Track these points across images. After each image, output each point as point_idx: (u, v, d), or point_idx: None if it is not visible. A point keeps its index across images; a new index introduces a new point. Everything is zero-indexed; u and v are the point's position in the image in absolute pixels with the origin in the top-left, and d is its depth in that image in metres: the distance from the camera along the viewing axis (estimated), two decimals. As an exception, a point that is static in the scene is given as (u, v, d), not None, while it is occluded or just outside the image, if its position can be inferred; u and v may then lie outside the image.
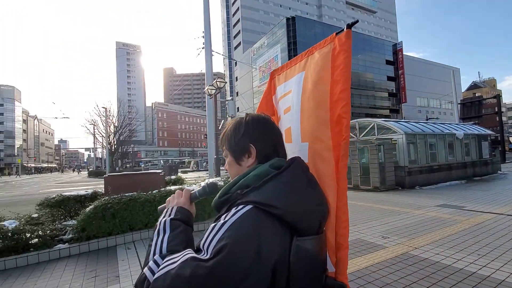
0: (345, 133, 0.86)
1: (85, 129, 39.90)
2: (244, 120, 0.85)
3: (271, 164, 0.77)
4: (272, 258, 0.62)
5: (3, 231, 4.30)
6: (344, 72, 0.87)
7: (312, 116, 0.99)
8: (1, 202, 12.94)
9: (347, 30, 0.90)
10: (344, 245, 0.85)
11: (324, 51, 0.98)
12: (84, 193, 6.04)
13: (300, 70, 1.10)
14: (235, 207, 0.66)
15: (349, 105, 0.86)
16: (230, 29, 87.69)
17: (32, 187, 23.53)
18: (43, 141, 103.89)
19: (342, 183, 0.86)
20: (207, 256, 0.59)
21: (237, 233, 0.60)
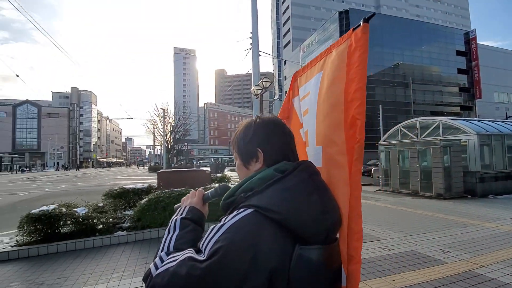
0: (359, 135, 0.79)
1: (146, 128, 44.00)
2: (254, 123, 0.83)
3: (276, 168, 0.74)
4: (268, 265, 0.58)
5: (75, 217, 4.98)
6: (359, 70, 0.81)
7: (326, 118, 0.94)
8: (78, 191, 15.09)
9: (364, 25, 0.84)
10: (356, 258, 0.77)
11: (340, 49, 0.92)
12: (141, 187, 6.64)
13: (319, 71, 1.05)
14: (237, 210, 0.65)
15: (364, 105, 0.79)
16: (280, 28, 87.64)
17: (103, 179, 26.89)
18: (113, 138, 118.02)
19: (355, 191, 0.78)
20: (204, 257, 0.58)
21: (234, 236, 0.59)
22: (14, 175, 41.61)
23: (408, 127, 12.02)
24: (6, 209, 9.77)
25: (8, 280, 3.54)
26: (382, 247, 4.30)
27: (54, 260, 4.22)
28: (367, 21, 0.83)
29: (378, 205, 8.33)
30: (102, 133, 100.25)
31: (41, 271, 3.79)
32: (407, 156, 10.83)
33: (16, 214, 7.01)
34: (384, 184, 11.97)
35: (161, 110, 39.04)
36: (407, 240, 4.60)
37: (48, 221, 4.69)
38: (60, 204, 5.15)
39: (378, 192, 11.39)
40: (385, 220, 6.25)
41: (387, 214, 6.97)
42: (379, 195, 10.50)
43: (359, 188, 0.78)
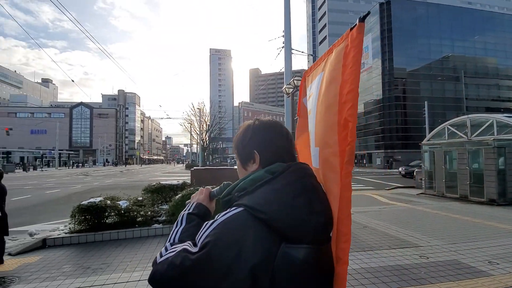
0: (350, 137, 0.78)
1: (183, 127, 46.04)
2: (252, 126, 0.86)
3: (268, 169, 0.77)
4: (252, 260, 0.61)
5: (118, 209, 5.43)
6: (353, 71, 0.79)
7: (322, 120, 0.94)
8: (122, 185, 16.38)
9: (359, 24, 0.81)
10: (343, 259, 0.77)
11: (338, 49, 0.90)
12: (176, 183, 7.01)
13: (321, 71, 1.04)
14: (229, 208, 0.69)
15: (356, 107, 0.78)
16: (315, 23, 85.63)
17: (144, 175, 28.81)
18: (154, 137, 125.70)
19: (344, 193, 0.77)
20: (196, 249, 0.64)
21: (222, 232, 0.63)
22: (70, 169, 46.46)
23: (457, 126, 10.99)
24: (63, 200, 10.98)
25: (61, 263, 3.99)
26: (419, 254, 4.02)
27: (99, 247, 4.66)
28: (363, 21, 0.81)
29: (419, 209, 7.77)
30: (144, 132, 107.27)
31: (88, 257, 4.21)
32: (455, 157, 9.94)
33: (70, 204, 7.85)
34: (427, 187, 11.14)
35: (197, 109, 40.55)
36: (449, 248, 4.24)
37: (95, 212, 5.18)
38: (106, 197, 5.64)
39: (421, 196, 10.63)
40: (425, 226, 5.82)
41: (429, 219, 6.48)
42: (421, 199, 9.79)
43: (348, 190, 0.78)
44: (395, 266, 3.61)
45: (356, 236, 5.07)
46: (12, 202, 10.38)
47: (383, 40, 45.64)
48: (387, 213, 7.28)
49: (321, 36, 79.07)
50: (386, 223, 6.04)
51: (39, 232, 5.74)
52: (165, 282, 0.63)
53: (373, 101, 47.91)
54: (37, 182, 19.53)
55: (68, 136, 77.78)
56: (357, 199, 9.70)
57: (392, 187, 13.78)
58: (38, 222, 7.09)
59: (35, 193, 13.07)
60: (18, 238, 5.48)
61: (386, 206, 8.40)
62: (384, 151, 44.37)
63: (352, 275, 3.36)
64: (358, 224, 5.96)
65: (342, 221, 0.77)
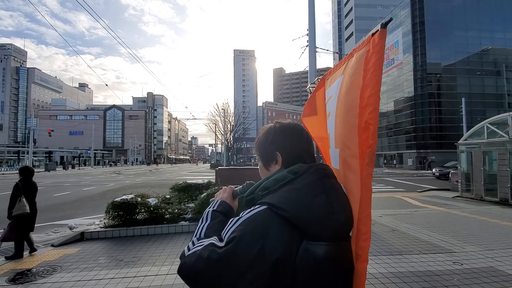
0: (371, 140, 0.80)
1: (208, 127, 47.09)
2: (273, 128, 0.89)
3: (290, 170, 0.80)
4: (273, 255, 0.65)
5: (148, 206, 5.70)
6: (374, 76, 0.81)
7: (342, 122, 0.97)
8: (151, 183, 17.12)
9: (380, 30, 0.82)
10: (362, 257, 0.79)
11: (360, 54, 0.92)
12: (201, 182, 7.21)
13: (340, 74, 1.07)
14: (253, 206, 0.73)
15: (377, 111, 0.80)
16: (341, 20, 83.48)
17: (172, 173, 29.87)
18: (181, 137, 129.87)
19: (365, 193, 0.80)
20: (222, 244, 0.68)
21: (246, 228, 0.68)
22: (104, 168, 49.43)
23: (497, 124, 10.16)
24: (98, 196, 11.73)
25: (97, 255, 4.28)
26: (452, 260, 3.79)
27: (131, 241, 4.93)
28: (385, 27, 0.81)
29: (455, 213, 7.31)
30: (171, 132, 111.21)
31: (121, 250, 4.48)
32: (495, 158, 9.21)
33: (104, 201, 8.37)
34: (464, 189, 10.43)
35: (222, 110, 41.27)
36: (485, 255, 3.95)
37: (127, 208, 5.49)
38: (136, 194, 5.96)
39: (457, 199, 9.97)
40: (460, 230, 5.46)
41: (465, 224, 6.07)
42: (457, 202, 9.19)
43: (369, 191, 0.80)
44: (426, 272, 3.44)
45: (384, 239, 4.89)
46: (55, 197, 11.29)
47: (415, 34, 43.26)
48: (418, 216, 6.93)
49: (347, 32, 76.92)
50: (417, 227, 5.75)
51: (77, 226, 6.19)
52: (193, 274, 0.68)
53: (404, 98, 45.62)
54: (75, 180, 21.03)
55: (102, 137, 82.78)
56: (386, 201, 9.33)
57: (424, 189, 13.07)
58: (76, 216, 7.64)
59: (74, 190, 14.09)
60: (59, 231, 5.96)
61: (417, 209, 7.99)
62: (416, 151, 42.09)
63: (379, 279, 3.25)
64: (386, 227, 5.74)
65: (362, 220, 0.79)
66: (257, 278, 0.64)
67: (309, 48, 10.90)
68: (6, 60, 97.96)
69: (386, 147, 50.21)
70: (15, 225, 4.13)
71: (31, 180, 4.56)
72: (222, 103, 50.10)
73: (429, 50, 42.45)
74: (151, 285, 3.21)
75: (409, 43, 44.15)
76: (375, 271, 3.48)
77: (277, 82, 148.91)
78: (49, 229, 6.16)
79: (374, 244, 4.62)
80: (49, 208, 8.80)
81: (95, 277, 3.45)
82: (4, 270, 3.72)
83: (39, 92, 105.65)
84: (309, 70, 10.69)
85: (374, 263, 3.72)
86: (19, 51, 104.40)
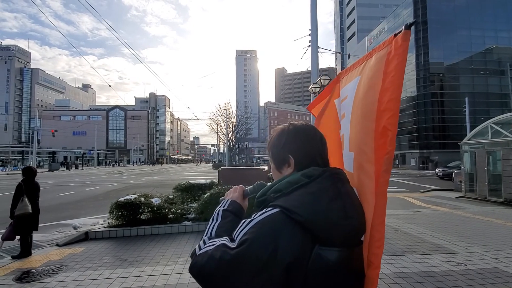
0: (389, 146, 0.77)
1: (210, 128, 47.16)
2: (286, 130, 0.88)
3: (303, 173, 0.79)
4: (286, 259, 0.65)
5: (151, 206, 5.73)
6: (395, 80, 0.78)
7: (358, 125, 0.93)
8: (154, 183, 17.19)
9: (404, 31, 0.78)
10: (374, 264, 0.77)
11: (380, 55, 0.88)
12: (204, 182, 7.24)
13: (358, 75, 1.02)
14: (266, 208, 0.73)
15: (397, 116, 0.77)
16: (343, 19, 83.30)
17: (174, 174, 29.95)
18: (183, 137, 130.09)
19: (380, 200, 0.77)
20: (234, 245, 0.68)
21: (259, 230, 0.67)
22: (107, 168, 49.66)
23: (502, 124, 10.10)
24: (101, 196, 11.80)
25: (101, 255, 4.32)
26: (456, 261, 3.78)
27: (134, 241, 4.97)
28: (409, 28, 0.79)
29: (458, 213, 7.28)
30: (174, 132, 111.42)
31: (125, 250, 4.51)
32: (499, 158, 9.15)
33: (108, 201, 8.42)
34: (467, 190, 10.37)
35: (224, 110, 41.31)
36: (490, 255, 3.94)
37: (130, 208, 5.52)
38: (140, 194, 5.99)
39: (460, 199, 9.92)
40: (464, 231, 5.44)
41: (468, 224, 6.04)
42: (461, 203, 9.15)
43: (384, 198, 0.78)
44: (429, 273, 3.43)
45: (387, 240, 4.88)
46: (59, 197, 11.37)
47: (418, 33, 43.04)
48: (421, 216, 6.90)
49: (349, 32, 76.75)
50: (420, 227, 5.74)
51: (81, 225, 6.24)
52: (204, 274, 0.67)
53: (406, 98, 45.42)
54: (78, 180, 21.16)
55: (105, 137, 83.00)
56: (388, 202, 9.11)
57: (427, 190, 13.01)
58: (80, 216, 7.70)
59: (77, 190, 14.18)
60: (64, 231, 6.01)
61: (420, 209, 7.97)
62: (419, 151, 41.89)
63: (382, 279, 3.26)
64: (389, 227, 5.73)
65: (376, 227, 0.77)
66: (269, 281, 0.64)
67: (311, 48, 10.89)
68: (10, 61, 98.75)
69: (389, 147, 49.99)
70: (17, 225, 4.17)
71: (34, 180, 4.60)
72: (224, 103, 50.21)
73: (431, 49, 42.24)
74: (155, 284, 3.23)
75: (412, 42, 43.91)
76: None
77: (279, 82, 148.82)
78: (54, 229, 6.21)
79: (377, 244, 4.61)
80: (53, 208, 8.87)
81: (100, 276, 3.48)
82: (10, 269, 3.76)
83: (42, 93, 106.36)
84: (311, 70, 10.68)
85: (377, 264, 3.71)
86: (23, 52, 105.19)
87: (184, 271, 3.56)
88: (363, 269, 0.77)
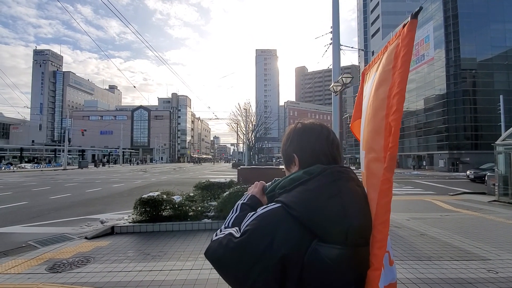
0: (392, 143, 0.74)
1: (230, 127, 47.63)
2: (293, 129, 0.91)
3: (306, 171, 0.80)
4: (281, 250, 0.68)
5: (173, 203, 5.90)
6: (400, 73, 0.74)
7: (369, 123, 0.91)
8: (175, 182, 17.67)
9: (410, 21, 0.75)
10: (375, 265, 0.74)
11: (390, 48, 0.84)
12: (224, 181, 7.33)
13: (375, 71, 0.98)
14: (270, 203, 0.78)
15: (400, 111, 0.73)
16: (367, 15, 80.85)
17: (194, 172, 30.59)
18: (203, 137, 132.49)
19: (382, 199, 0.74)
20: (238, 235, 0.74)
21: (259, 223, 0.73)
22: (131, 166, 51.70)
23: (540, 123, 9.36)
24: (126, 193, 12.30)
25: (126, 248, 4.51)
26: (487, 268, 3.56)
27: (157, 237, 5.14)
28: (415, 17, 0.74)
29: (490, 218, 6.84)
30: (194, 132, 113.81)
31: (148, 244, 4.68)
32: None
33: (132, 197, 8.78)
34: (501, 193, 9.73)
35: (243, 110, 41.57)
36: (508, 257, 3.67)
37: (153, 204, 5.72)
38: (162, 191, 6.18)
39: (493, 204, 9.32)
40: (497, 237, 5.11)
41: (501, 230, 5.66)
42: (494, 207, 8.59)
43: (386, 196, 0.75)
44: (457, 279, 3.26)
45: (412, 244, 4.69)
46: (88, 193, 12.01)
47: (447, 28, 40.80)
48: (449, 221, 6.56)
49: (373, 28, 74.32)
50: (448, 232, 5.45)
51: (108, 220, 6.55)
52: (214, 257, 0.76)
53: (435, 96, 43.22)
54: (105, 177, 22.20)
55: (130, 136, 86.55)
56: (414, 205, 8.93)
57: (457, 193, 12.32)
58: (107, 211, 8.07)
59: (104, 187, 14.88)
60: (92, 225, 6.34)
61: (449, 213, 7.57)
62: (448, 152, 39.74)
63: (406, 285, 3.13)
64: (414, 231, 5.50)
65: (377, 227, 0.75)
66: (265, 271, 0.68)
67: (332, 45, 10.69)
68: (45, 65, 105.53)
69: (415, 148, 47.83)
70: None
71: None
72: (244, 103, 50.54)
73: (463, 44, 39.86)
74: (176, 279, 3.32)
75: (441, 37, 41.75)
76: (402, 276, 3.35)
77: (299, 81, 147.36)
78: (83, 223, 6.57)
79: (401, 248, 4.45)
80: (82, 203, 9.38)
81: (124, 269, 3.64)
82: (43, 259, 4.03)
83: (73, 94, 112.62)
84: (333, 68, 10.49)
85: (401, 268, 3.58)
86: (55, 56, 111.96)
87: (203, 267, 3.63)
88: (366, 271, 0.75)
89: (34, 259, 4.05)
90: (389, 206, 0.75)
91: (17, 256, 4.20)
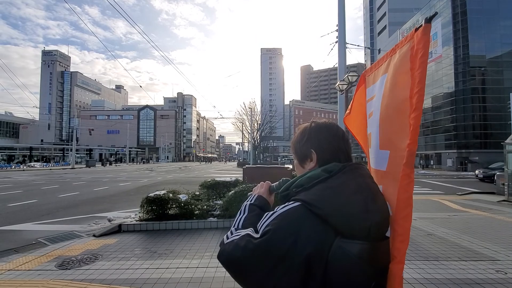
0: (410, 139, 0.79)
1: (235, 126, 47.75)
2: (309, 127, 0.92)
3: (324, 168, 0.81)
4: (306, 249, 0.67)
5: (179, 202, 5.94)
6: (418, 74, 0.79)
7: (392, 123, 0.94)
8: (181, 180, 17.78)
9: (424, 25, 0.79)
10: (397, 258, 0.78)
11: (403, 51, 0.89)
12: (229, 180, 7.35)
13: (384, 73, 1.02)
14: (288, 202, 0.77)
15: (419, 110, 0.78)
16: (373, 13, 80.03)
17: (200, 171, 30.75)
18: (209, 136, 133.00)
19: (401, 195, 0.79)
20: (258, 235, 0.73)
21: (281, 222, 0.72)
22: (138, 165, 52.23)
23: (552, 121, 9.16)
24: (133, 191, 12.44)
25: (133, 246, 4.57)
26: (495, 269, 3.51)
27: (163, 235, 5.19)
28: (429, 21, 0.79)
29: (500, 219, 6.72)
30: (200, 131, 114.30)
31: (155, 242, 4.73)
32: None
33: (139, 196, 8.88)
34: (511, 193, 9.55)
35: (248, 109, 41.63)
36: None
37: (159, 203, 5.77)
38: (168, 190, 6.23)
39: (502, 203, 9.15)
40: (506, 237, 5.02)
41: (511, 231, 5.56)
42: (503, 207, 8.44)
43: (406, 192, 0.79)
44: (465, 280, 3.22)
45: (419, 244, 4.64)
46: (95, 192, 12.18)
47: (456, 24, 40.12)
48: (458, 221, 6.47)
49: (380, 26, 73.58)
50: (456, 232, 5.38)
51: (115, 218, 6.63)
52: (230, 261, 0.74)
53: (443, 94, 42.58)
54: (112, 176, 22.48)
55: (136, 136, 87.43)
56: (421, 204, 8.82)
57: (465, 192, 12.13)
58: (114, 209, 8.18)
59: (111, 185, 15.07)
60: (99, 223, 6.43)
61: (457, 213, 7.46)
62: (456, 151, 39.14)
63: (413, 285, 3.11)
64: (422, 231, 5.45)
65: (398, 221, 0.79)
66: (289, 270, 0.67)
67: (338, 44, 10.60)
68: (53, 65, 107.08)
69: (423, 147, 47.22)
70: None
71: None
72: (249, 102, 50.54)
73: (472, 41, 39.16)
74: (182, 276, 3.35)
75: (449, 34, 41.08)
76: (409, 276, 3.33)
77: (304, 80, 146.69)
78: (91, 221, 6.67)
79: (408, 248, 4.34)
80: (90, 201, 9.52)
81: (132, 266, 3.69)
82: (53, 256, 4.11)
83: (80, 94, 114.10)
84: (339, 67, 10.40)
85: (408, 268, 3.55)
86: (63, 56, 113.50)
87: (209, 265, 3.66)
88: (388, 265, 0.78)
89: (44, 256, 4.13)
90: (410, 201, 0.79)
91: (28, 253, 4.29)
